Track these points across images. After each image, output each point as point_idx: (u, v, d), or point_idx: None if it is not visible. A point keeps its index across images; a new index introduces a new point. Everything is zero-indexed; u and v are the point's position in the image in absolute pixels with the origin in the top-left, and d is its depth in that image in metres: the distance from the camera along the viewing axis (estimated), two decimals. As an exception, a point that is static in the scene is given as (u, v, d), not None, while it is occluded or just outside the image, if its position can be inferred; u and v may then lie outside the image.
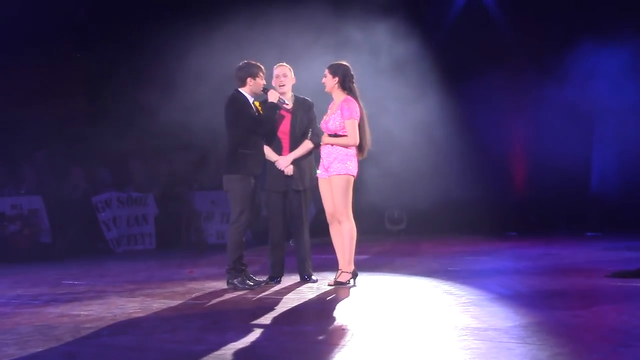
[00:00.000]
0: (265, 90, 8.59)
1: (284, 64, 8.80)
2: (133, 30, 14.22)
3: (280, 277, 8.80)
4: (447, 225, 15.87)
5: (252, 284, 8.42)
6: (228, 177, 8.47)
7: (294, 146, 8.71)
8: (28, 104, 15.56)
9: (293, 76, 8.80)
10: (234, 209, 8.45)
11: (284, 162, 8.68)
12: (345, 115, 8.33)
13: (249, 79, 8.52)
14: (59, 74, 15.99)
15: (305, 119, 8.71)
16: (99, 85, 16.19)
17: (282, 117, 8.70)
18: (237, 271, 8.42)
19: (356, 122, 8.35)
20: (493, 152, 15.84)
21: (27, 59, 15.03)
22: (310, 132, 8.69)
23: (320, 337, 5.88)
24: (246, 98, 8.52)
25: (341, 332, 6.03)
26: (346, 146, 8.35)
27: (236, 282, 8.38)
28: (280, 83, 8.71)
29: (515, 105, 15.98)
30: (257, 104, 8.57)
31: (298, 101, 8.78)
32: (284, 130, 8.73)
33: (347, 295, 7.83)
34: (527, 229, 15.75)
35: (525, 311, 6.69)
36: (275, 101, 8.54)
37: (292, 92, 8.81)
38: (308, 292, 8.03)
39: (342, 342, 5.65)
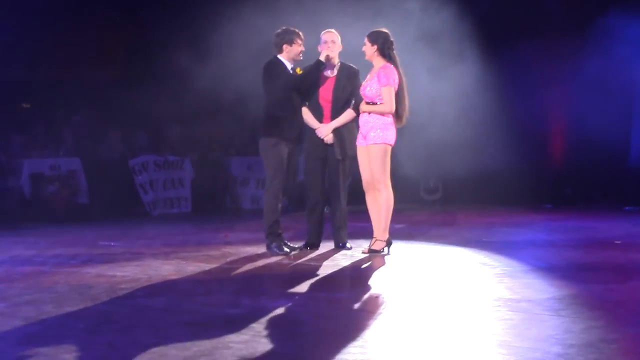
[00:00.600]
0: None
1: (332, 30, 8.71)
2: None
3: (317, 244, 8.82)
4: (483, 196, 15.81)
5: (287, 250, 8.45)
6: (263, 141, 8.48)
7: (335, 114, 8.65)
8: (67, 67, 15.64)
9: (340, 43, 8.72)
10: (268, 173, 8.47)
11: (325, 130, 8.64)
12: (382, 82, 8.29)
13: (285, 46, 8.53)
14: (98, 37, 16.05)
15: (349, 87, 8.61)
16: (136, 49, 16.22)
17: (325, 83, 8.66)
18: (274, 236, 8.45)
19: (392, 90, 8.29)
20: (530, 123, 15.70)
21: (66, 24, 15.09)
22: (353, 101, 8.62)
23: (355, 305, 5.89)
24: (283, 64, 8.52)
25: (375, 300, 6.04)
26: (382, 114, 8.31)
27: (273, 247, 8.42)
28: (327, 49, 8.65)
29: (553, 76, 15.80)
30: (298, 70, 8.56)
31: (343, 68, 8.70)
32: (325, 97, 8.67)
33: (382, 263, 7.83)
34: (563, 201, 15.64)
35: (559, 284, 6.66)
36: (323, 59, 8.53)
37: (338, 58, 8.74)
38: (343, 260, 8.05)
39: (377, 310, 5.66)
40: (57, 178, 12.87)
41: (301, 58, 8.60)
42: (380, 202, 8.37)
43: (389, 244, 8.44)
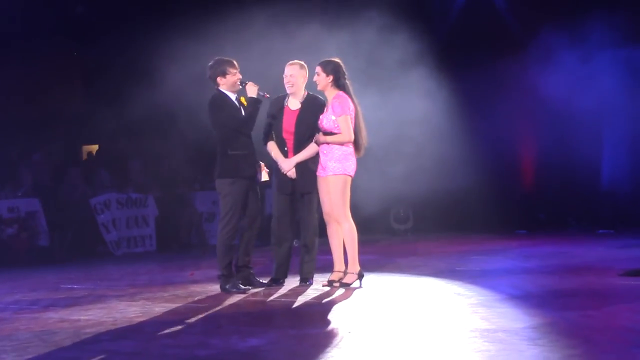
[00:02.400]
0: (243, 84, 8.48)
1: (295, 62, 8.68)
2: (129, 26, 14.24)
3: (284, 279, 8.80)
4: (455, 223, 15.88)
5: (244, 287, 8.40)
6: (220, 181, 8.46)
7: (298, 147, 8.61)
8: (24, 103, 15.57)
9: (306, 74, 8.68)
10: (223, 211, 8.42)
11: (287, 165, 8.61)
12: (337, 112, 8.31)
13: (218, 78, 8.47)
14: (56, 72, 16.01)
15: (313, 119, 8.52)
16: (95, 82, 16.20)
17: (289, 116, 8.66)
18: (228, 277, 8.40)
19: (349, 118, 8.32)
20: (501, 148, 15.83)
21: (23, 57, 15.04)
22: (317, 134, 8.58)
23: (326, 341, 5.88)
24: (226, 96, 8.47)
25: (347, 335, 6.03)
26: (342, 143, 8.33)
27: (228, 287, 8.36)
28: (288, 83, 8.67)
29: (523, 101, 15.94)
30: (242, 99, 8.50)
31: (308, 100, 8.68)
32: (288, 130, 8.65)
33: (354, 297, 7.84)
34: (536, 226, 15.75)
35: (535, 312, 6.70)
36: (255, 95, 8.43)
37: (305, 90, 8.73)
38: (313, 294, 8.04)
39: (349, 346, 5.66)
40: (16, 220, 12.75)
41: (240, 87, 8.48)
42: (344, 234, 8.39)
43: (360, 276, 8.44)
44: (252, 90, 8.45)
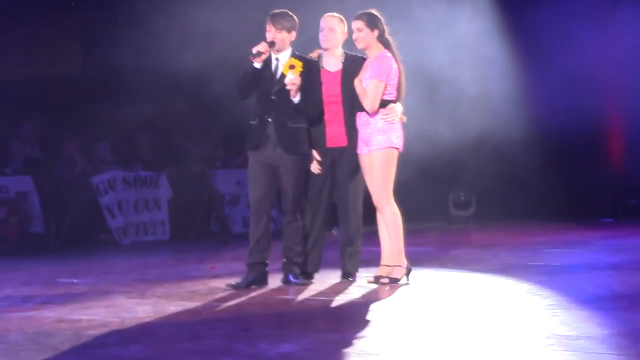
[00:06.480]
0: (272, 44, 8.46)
1: (334, 14, 8.67)
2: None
3: (313, 273, 8.80)
4: (526, 210, 15.78)
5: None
6: None
7: (349, 114, 8.57)
8: (13, 65, 15.63)
9: (345, 30, 8.65)
10: None
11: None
12: (372, 73, 8.31)
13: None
14: (50, 27, 16.05)
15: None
16: (97, 39, 16.21)
17: (329, 80, 8.62)
18: (249, 266, 8.52)
19: (381, 85, 8.29)
20: (582, 120, 15.62)
21: (11, 12, 15.10)
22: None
23: (372, 348, 5.88)
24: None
25: (398, 341, 6.04)
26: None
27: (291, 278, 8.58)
28: (324, 38, 8.66)
29: (610, 65, 15.67)
30: (295, 63, 8.40)
31: (348, 59, 8.68)
32: (333, 96, 8.62)
33: (405, 295, 7.84)
34: (626, 214, 15.64)
35: (625, 316, 6.67)
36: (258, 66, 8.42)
37: (342, 49, 8.73)
38: (355, 292, 8.07)
39: (400, 354, 5.66)
40: (5, 202, 12.86)
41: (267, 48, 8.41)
42: (387, 221, 8.38)
43: (408, 271, 8.43)
44: (263, 47, 8.43)
